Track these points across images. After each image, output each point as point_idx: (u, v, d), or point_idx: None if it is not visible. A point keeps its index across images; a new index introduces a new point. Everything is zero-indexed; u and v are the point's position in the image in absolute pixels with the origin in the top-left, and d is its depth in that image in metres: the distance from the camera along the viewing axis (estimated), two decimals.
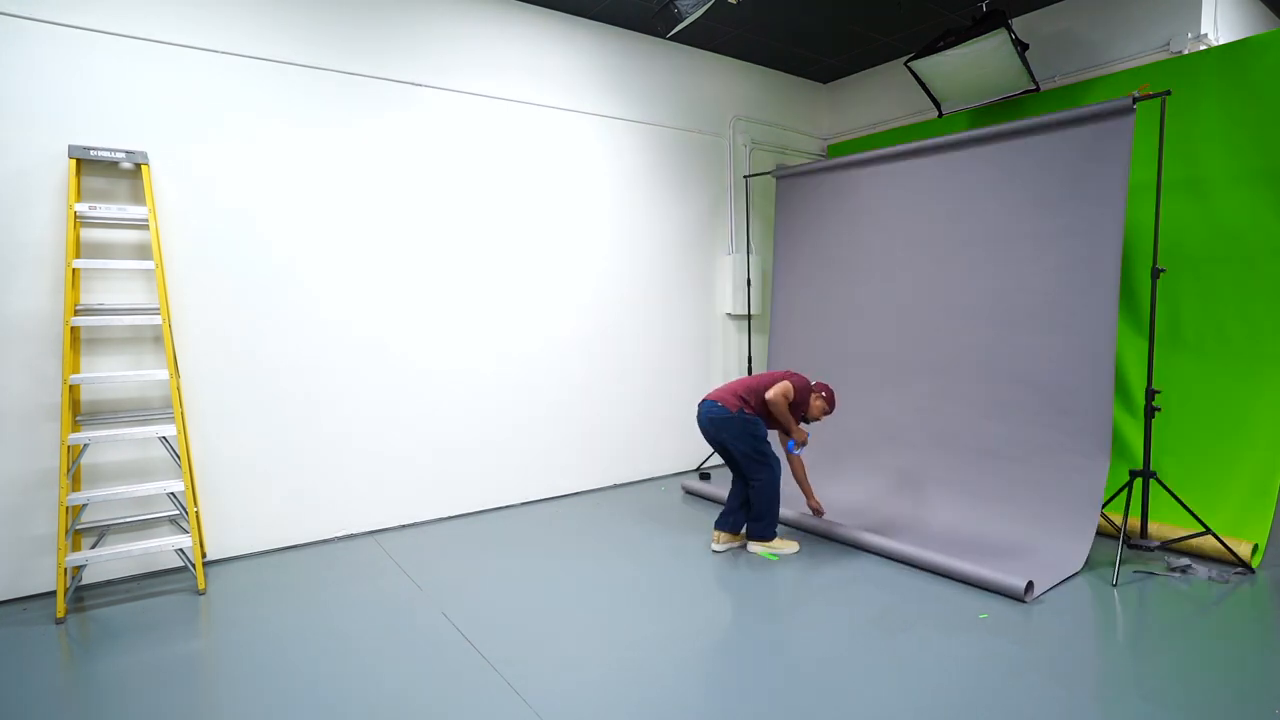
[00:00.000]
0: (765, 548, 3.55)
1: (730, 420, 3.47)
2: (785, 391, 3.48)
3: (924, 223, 4.30)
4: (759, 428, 3.51)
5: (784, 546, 3.57)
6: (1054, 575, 3.16)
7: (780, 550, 3.54)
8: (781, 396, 3.47)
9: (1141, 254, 3.90)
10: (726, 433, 3.49)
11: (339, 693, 2.32)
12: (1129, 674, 2.37)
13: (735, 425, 3.47)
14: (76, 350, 3.13)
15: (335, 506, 3.87)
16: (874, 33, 4.94)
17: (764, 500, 3.51)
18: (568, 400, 4.70)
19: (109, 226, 3.27)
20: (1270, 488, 3.37)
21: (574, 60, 4.64)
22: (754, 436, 3.49)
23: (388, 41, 3.92)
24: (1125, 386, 3.92)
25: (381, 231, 3.96)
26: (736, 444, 3.48)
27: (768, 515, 3.54)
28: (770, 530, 3.56)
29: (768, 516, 3.54)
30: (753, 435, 3.49)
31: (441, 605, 2.99)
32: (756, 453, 3.49)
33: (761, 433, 3.52)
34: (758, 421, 3.51)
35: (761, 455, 3.50)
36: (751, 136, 5.58)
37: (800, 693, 2.27)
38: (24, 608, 3.04)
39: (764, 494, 3.50)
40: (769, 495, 3.51)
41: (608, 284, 4.86)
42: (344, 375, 3.87)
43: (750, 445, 3.48)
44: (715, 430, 3.51)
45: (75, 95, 3.15)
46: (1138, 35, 4.14)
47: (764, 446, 3.51)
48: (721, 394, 3.57)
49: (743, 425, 3.47)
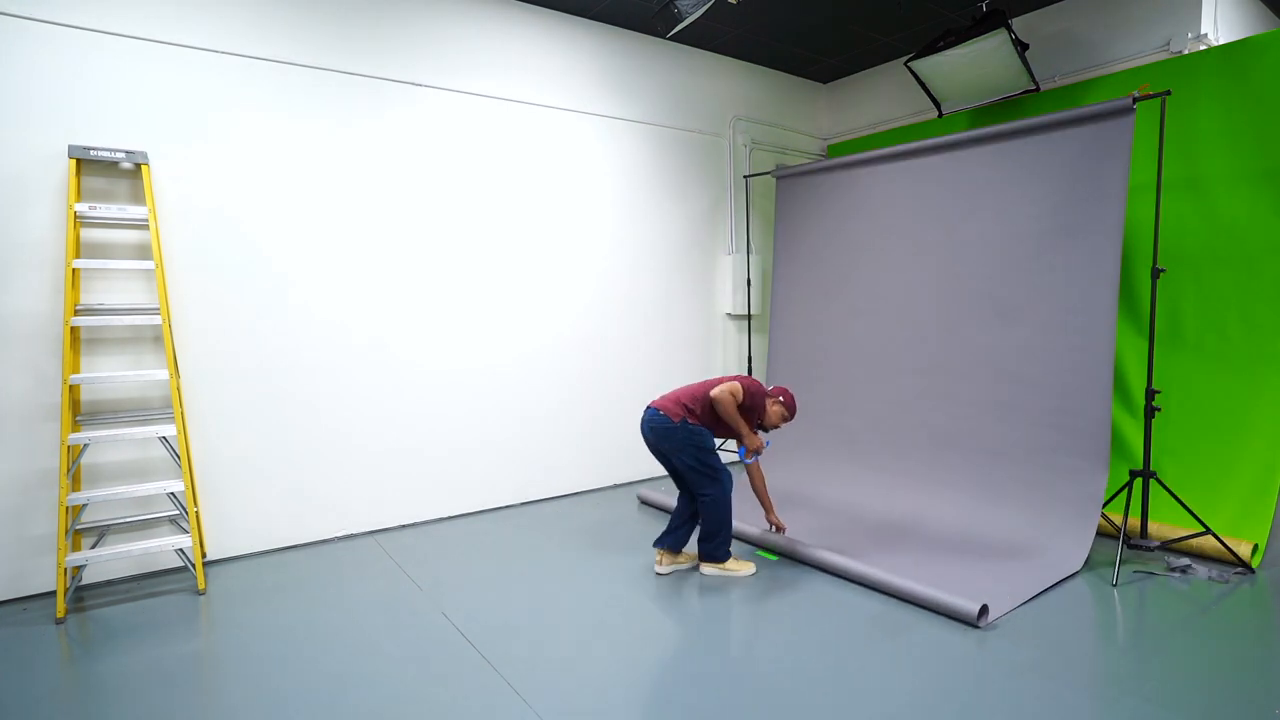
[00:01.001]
0: (718, 569, 3.29)
1: (673, 430, 3.19)
2: (733, 391, 3.19)
3: (924, 223, 4.30)
4: (705, 439, 3.23)
5: (739, 568, 3.29)
6: (1052, 576, 3.16)
7: (735, 572, 3.28)
8: (728, 395, 3.17)
9: (1141, 254, 3.90)
10: (669, 444, 3.21)
11: (339, 693, 2.32)
12: (1129, 674, 2.37)
13: (678, 436, 3.19)
14: (76, 350, 3.13)
15: (335, 506, 3.87)
16: (874, 33, 4.94)
17: (714, 518, 3.23)
18: (568, 400, 4.70)
19: (109, 226, 3.27)
20: (1270, 488, 3.37)
21: (574, 60, 4.64)
22: (699, 448, 3.20)
23: (387, 41, 3.92)
24: (1125, 386, 3.92)
25: (382, 231, 3.96)
26: (680, 457, 3.21)
27: (720, 534, 3.25)
28: (723, 550, 3.27)
29: (720, 535, 3.25)
30: (698, 447, 3.20)
31: (441, 605, 2.99)
32: (703, 465, 3.20)
33: (708, 444, 3.23)
34: (704, 432, 3.23)
35: (709, 469, 3.21)
36: (751, 136, 5.58)
37: (781, 708, 2.27)
38: (24, 608, 3.04)
39: (714, 511, 3.22)
40: (719, 512, 3.22)
41: (607, 284, 4.86)
42: (344, 375, 3.87)
43: (695, 458, 3.19)
44: (656, 440, 3.24)
45: (75, 95, 3.15)
46: (1138, 35, 4.14)
47: (711, 459, 3.22)
48: (665, 402, 3.28)
49: (686, 436, 3.18)
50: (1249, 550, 3.23)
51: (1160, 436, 3.75)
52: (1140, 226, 3.91)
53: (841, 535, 3.75)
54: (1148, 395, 3.34)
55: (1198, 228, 3.73)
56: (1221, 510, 3.46)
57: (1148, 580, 3.17)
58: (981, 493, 3.82)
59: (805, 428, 4.82)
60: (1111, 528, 3.58)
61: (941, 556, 3.42)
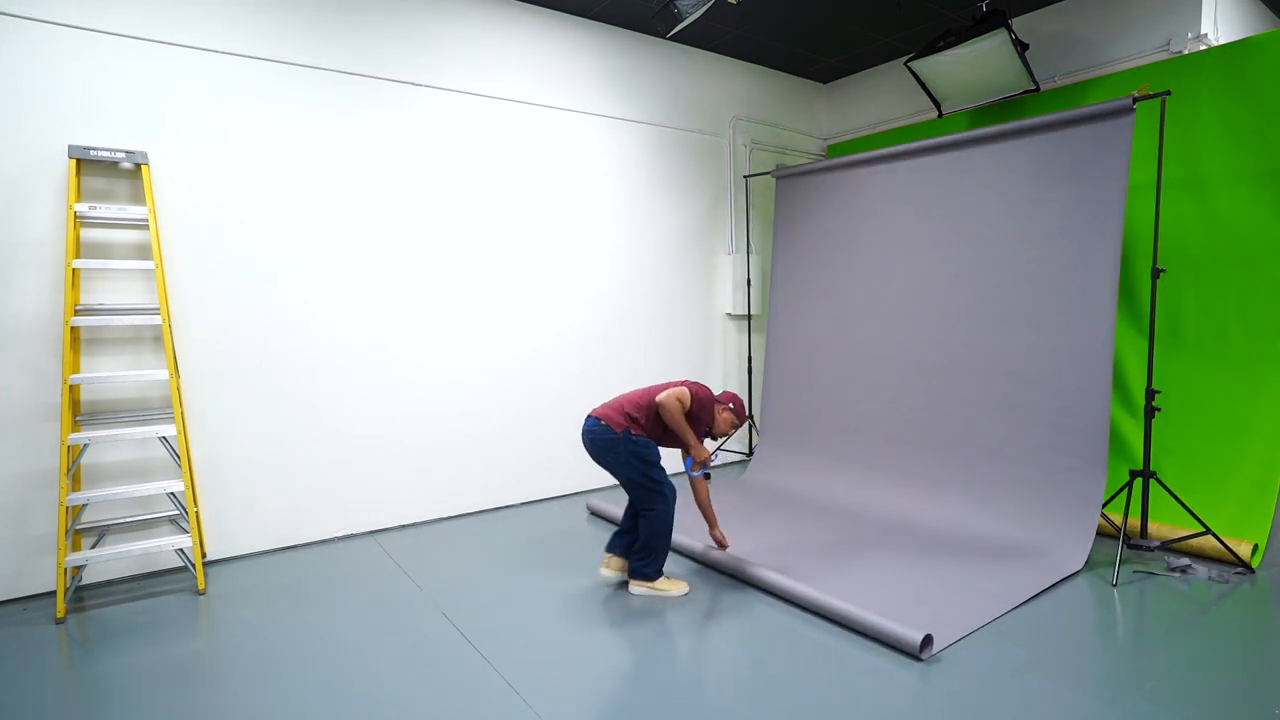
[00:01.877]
0: (648, 587, 3.07)
1: (615, 442, 2.97)
2: (680, 396, 3.00)
3: (924, 222, 4.30)
4: (650, 451, 3.02)
5: (671, 587, 3.07)
6: (1052, 576, 3.16)
7: (666, 591, 3.06)
8: (675, 401, 2.97)
9: (1141, 254, 3.90)
10: (610, 456, 3.00)
11: (339, 693, 2.32)
12: (1129, 674, 2.37)
13: (621, 448, 2.97)
14: (76, 350, 3.13)
15: (335, 506, 3.87)
16: (874, 33, 4.94)
17: (655, 533, 3.02)
18: (568, 400, 4.70)
19: (109, 226, 3.27)
20: (1270, 488, 3.37)
21: (574, 60, 4.64)
22: (643, 460, 2.99)
23: (387, 41, 3.92)
24: (1125, 386, 3.93)
25: (382, 232, 3.96)
26: (623, 470, 3.00)
27: (656, 550, 3.04)
28: (654, 568, 3.05)
29: (655, 552, 3.04)
30: (642, 460, 2.99)
31: (441, 605, 2.99)
32: (648, 479, 3.00)
33: (653, 456, 3.02)
34: (648, 444, 3.02)
35: (654, 483, 3.01)
36: (751, 136, 5.58)
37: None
38: (24, 608, 3.04)
39: (656, 526, 3.02)
40: (661, 528, 3.03)
41: (607, 284, 4.86)
42: (344, 375, 3.87)
43: (639, 471, 2.99)
44: (597, 453, 3.02)
45: (75, 95, 3.15)
46: (1138, 35, 4.14)
47: (655, 472, 3.01)
48: (607, 410, 3.04)
49: (629, 448, 2.97)
50: (1249, 550, 3.24)
51: (1160, 436, 3.75)
52: (1140, 226, 3.91)
53: (810, 547, 3.69)
54: (1148, 395, 3.34)
55: (1198, 228, 3.73)
56: (1221, 510, 3.46)
57: (1148, 580, 3.17)
58: (981, 492, 3.82)
59: (804, 428, 4.82)
60: (1111, 528, 3.58)
61: (941, 556, 3.42)
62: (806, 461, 4.71)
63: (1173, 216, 3.81)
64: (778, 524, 3.96)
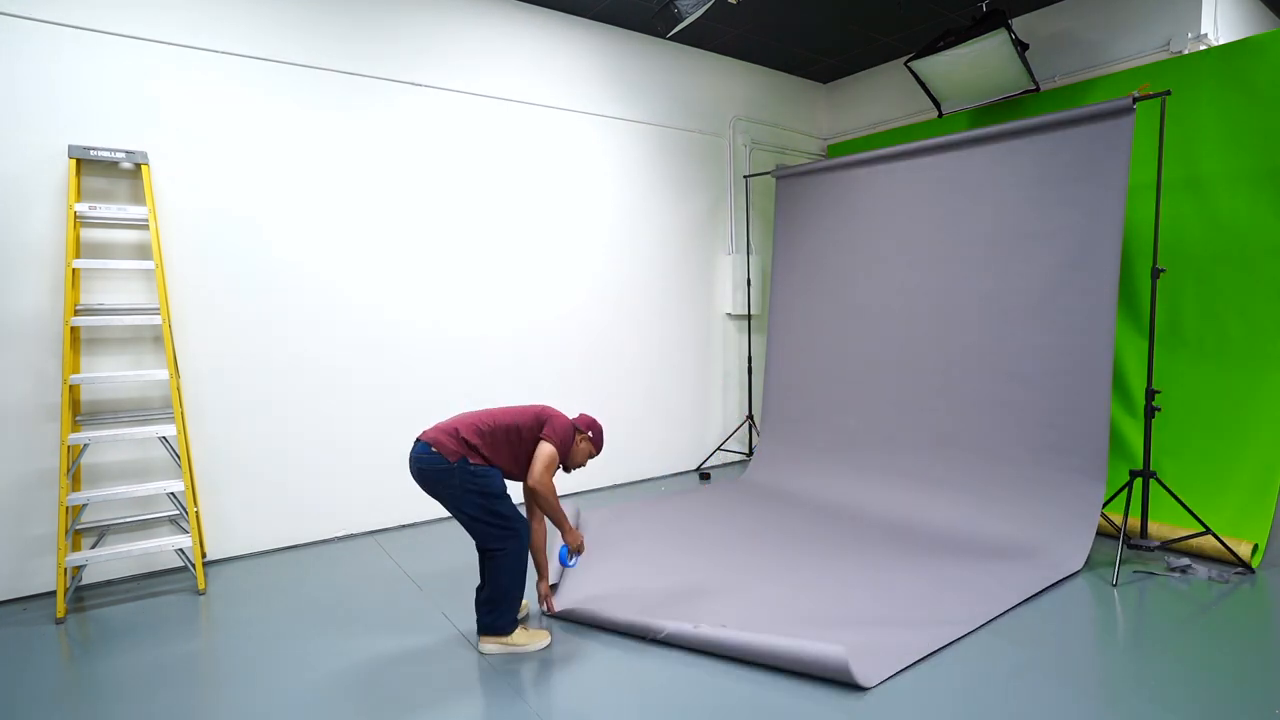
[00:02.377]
0: (501, 644, 2.56)
1: (448, 473, 2.43)
2: (551, 463, 2.54)
3: (924, 223, 4.30)
4: (491, 481, 2.49)
5: (528, 640, 2.58)
6: (1052, 575, 3.16)
7: (523, 646, 2.57)
8: (546, 473, 2.52)
9: (1141, 254, 3.90)
10: (443, 490, 2.46)
11: (339, 693, 2.32)
12: (1129, 674, 2.37)
13: (455, 480, 2.44)
14: (76, 350, 3.13)
15: (335, 506, 3.87)
16: (874, 33, 4.94)
17: (508, 578, 2.52)
18: (567, 400, 4.70)
19: (109, 226, 3.27)
20: (1270, 488, 3.37)
21: (574, 60, 4.64)
22: (484, 494, 2.47)
23: (387, 41, 3.92)
24: (1125, 386, 3.93)
25: (381, 233, 3.96)
26: (460, 506, 2.47)
27: (508, 599, 2.53)
28: (508, 619, 2.55)
29: (507, 601, 2.53)
30: (482, 493, 2.46)
31: (442, 605, 2.99)
32: (492, 515, 2.48)
33: (496, 488, 2.50)
34: (491, 473, 2.50)
35: (499, 519, 2.49)
36: (751, 136, 5.58)
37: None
38: (24, 608, 3.04)
39: (509, 570, 2.51)
40: (514, 570, 2.53)
41: (607, 284, 4.86)
42: (344, 375, 3.87)
43: (479, 507, 2.47)
44: (427, 485, 2.49)
45: (75, 95, 3.15)
46: (1138, 35, 4.14)
47: (501, 505, 2.49)
48: (437, 434, 2.49)
49: (466, 480, 2.44)
50: (1249, 550, 3.23)
51: (1160, 436, 3.75)
52: (1140, 226, 3.91)
53: (810, 546, 3.72)
54: (1148, 395, 3.34)
55: (1198, 228, 3.73)
56: (1221, 510, 3.46)
57: (1148, 580, 3.17)
58: (981, 492, 3.82)
59: (804, 428, 4.82)
60: (1111, 528, 3.58)
61: (941, 556, 3.42)
62: (806, 461, 4.71)
63: (1173, 216, 3.81)
64: (777, 524, 3.96)
